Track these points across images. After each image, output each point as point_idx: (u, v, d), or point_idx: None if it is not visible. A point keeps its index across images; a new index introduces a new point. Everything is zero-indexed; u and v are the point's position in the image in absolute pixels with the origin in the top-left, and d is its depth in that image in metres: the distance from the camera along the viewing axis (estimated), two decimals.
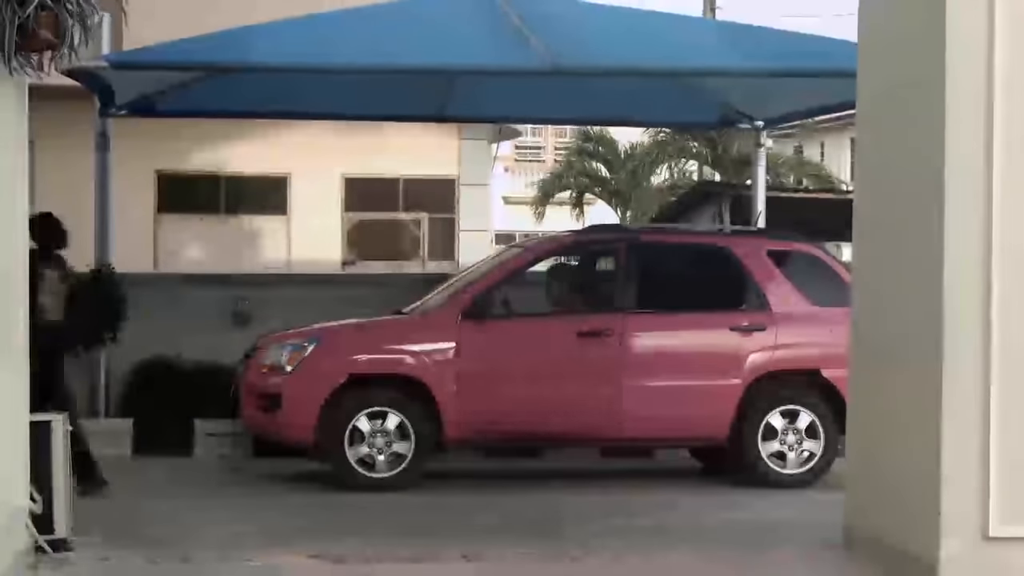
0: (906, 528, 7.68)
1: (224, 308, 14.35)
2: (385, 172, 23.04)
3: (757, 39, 13.15)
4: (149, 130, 18.22)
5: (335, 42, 12.13)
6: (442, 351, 11.42)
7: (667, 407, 11.56)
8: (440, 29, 12.19)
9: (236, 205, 22.82)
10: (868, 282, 8.36)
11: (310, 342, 11.49)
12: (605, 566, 8.06)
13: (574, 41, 12.13)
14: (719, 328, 11.76)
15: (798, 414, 11.71)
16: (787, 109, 15.39)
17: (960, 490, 7.31)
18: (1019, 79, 7.36)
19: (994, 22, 7.32)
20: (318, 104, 14.89)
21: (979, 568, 7.33)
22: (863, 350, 8.36)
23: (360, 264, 22.93)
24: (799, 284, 11.92)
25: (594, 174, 37.38)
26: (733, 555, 8.44)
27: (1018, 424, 7.33)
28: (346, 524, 9.76)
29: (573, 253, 12.97)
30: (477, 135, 23.26)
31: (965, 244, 7.34)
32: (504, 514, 10.30)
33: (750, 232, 13.20)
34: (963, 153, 7.35)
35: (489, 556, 8.26)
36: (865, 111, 8.52)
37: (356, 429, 11.31)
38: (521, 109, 16.06)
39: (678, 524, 9.88)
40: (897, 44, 8.04)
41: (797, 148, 41.67)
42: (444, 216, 23.63)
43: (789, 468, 11.69)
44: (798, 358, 11.77)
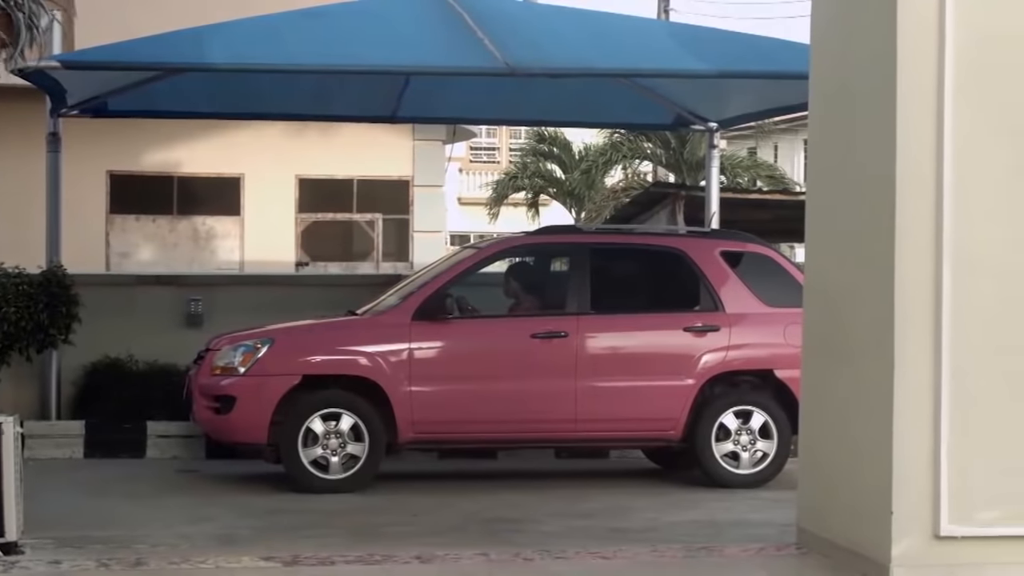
0: (858, 528, 7.71)
1: (177, 309, 14.32)
2: (339, 173, 23.02)
3: (711, 41, 13.21)
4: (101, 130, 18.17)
5: (288, 42, 12.11)
6: (396, 352, 11.41)
7: (622, 408, 11.58)
8: (394, 30, 12.19)
9: (189, 206, 22.75)
10: (820, 283, 8.39)
11: (263, 343, 11.46)
12: (560, 566, 8.06)
13: (528, 42, 12.15)
14: (673, 329, 11.80)
15: (751, 414, 11.76)
16: (741, 111, 15.46)
17: (911, 490, 7.35)
18: (969, 79, 7.40)
19: (944, 24, 7.36)
20: (271, 105, 14.88)
21: (930, 567, 7.36)
22: (815, 351, 8.39)
23: (314, 265, 22.90)
24: (752, 285, 11.96)
25: (548, 175, 37.45)
26: (687, 555, 8.45)
27: (968, 424, 7.38)
28: (299, 526, 9.73)
29: (527, 254, 12.99)
30: (431, 136, 23.27)
31: (916, 245, 7.38)
32: (459, 515, 10.29)
33: (704, 233, 13.25)
34: (913, 153, 7.39)
35: (443, 557, 8.24)
36: (817, 112, 8.55)
37: (310, 430, 11.28)
38: (475, 110, 16.08)
39: (632, 524, 9.90)
40: (848, 46, 8.07)
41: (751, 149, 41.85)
42: (398, 217, 23.62)
43: (742, 468, 11.73)
44: (751, 358, 11.82)
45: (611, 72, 13.05)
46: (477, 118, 19.75)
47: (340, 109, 15.39)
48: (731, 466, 11.72)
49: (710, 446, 11.67)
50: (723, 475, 11.68)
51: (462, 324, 11.65)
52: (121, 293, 14.44)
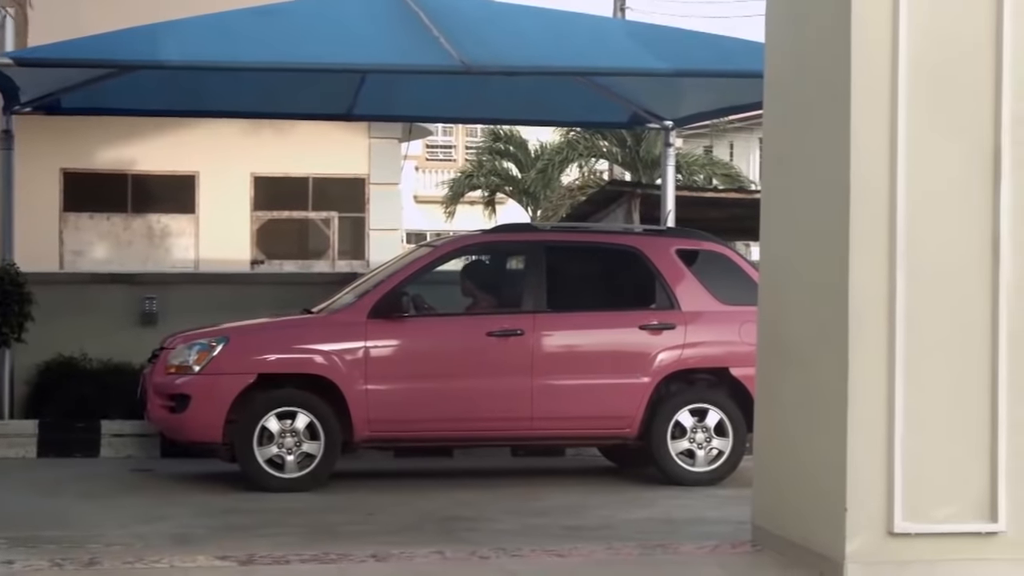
0: (812, 525, 7.74)
1: (131, 308, 14.26)
2: (294, 171, 22.98)
3: (666, 40, 13.25)
4: (55, 128, 18.10)
5: (243, 40, 12.08)
6: (351, 350, 11.39)
7: (578, 406, 11.59)
8: (349, 28, 12.17)
9: (143, 204, 22.66)
10: (775, 281, 8.42)
11: (218, 341, 11.42)
12: (515, 565, 8.06)
13: (484, 40, 12.15)
14: (629, 327, 11.81)
15: (707, 412, 11.78)
16: (696, 109, 15.50)
17: (865, 487, 7.38)
18: (922, 81, 7.44)
19: (897, 26, 7.40)
20: (226, 102, 14.83)
21: (884, 564, 7.40)
22: (770, 348, 8.42)
23: (269, 263, 22.85)
24: (708, 283, 11.99)
25: (505, 173, 37.47)
26: (642, 553, 8.47)
27: (921, 422, 7.42)
28: (255, 525, 9.70)
29: (483, 252, 12.99)
30: (387, 134, 23.25)
31: (870, 242, 7.41)
32: (415, 514, 10.28)
33: (659, 231, 13.27)
34: (867, 153, 7.42)
35: (399, 556, 8.23)
36: (771, 112, 8.57)
37: (265, 429, 11.25)
38: (431, 108, 16.07)
39: (588, 522, 9.91)
40: (802, 45, 8.10)
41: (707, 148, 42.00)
42: (354, 215, 23.59)
43: (698, 466, 11.76)
44: (707, 356, 11.85)
45: (567, 70, 13.07)
46: (433, 116, 19.72)
47: (295, 107, 15.35)
48: (687, 464, 11.75)
49: (666, 444, 11.70)
50: (679, 473, 11.71)
51: (418, 322, 11.64)
52: (75, 291, 14.36)
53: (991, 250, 7.48)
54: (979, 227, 7.49)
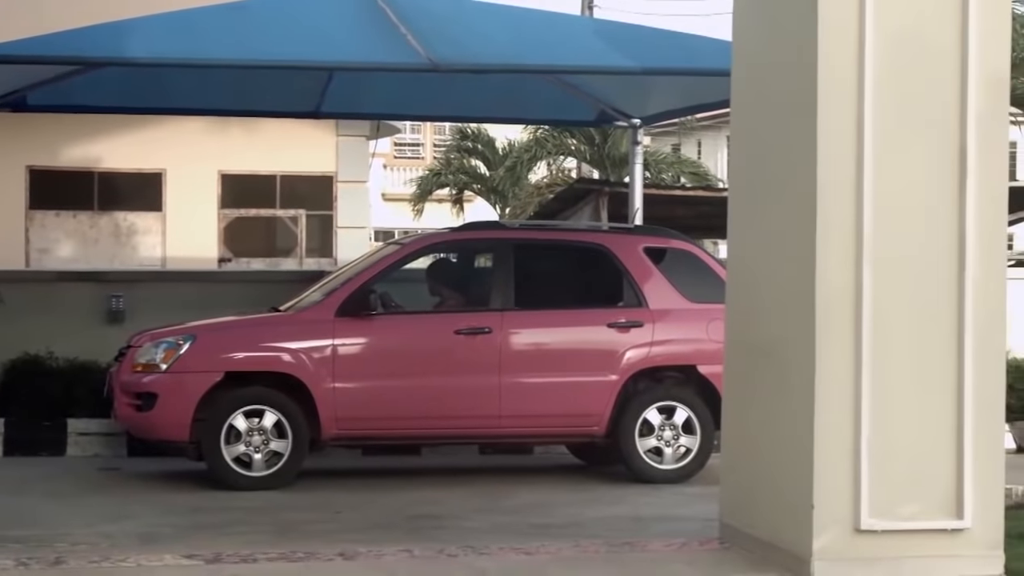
0: (779, 522, 7.76)
1: (98, 306, 14.21)
2: (261, 169, 22.93)
3: (634, 38, 13.24)
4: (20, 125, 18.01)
5: (210, 37, 12.02)
6: (319, 348, 11.37)
7: (545, 404, 11.59)
8: (316, 25, 12.13)
9: (110, 202, 22.58)
10: (742, 279, 8.44)
11: (185, 340, 11.38)
12: (483, 562, 8.06)
13: (452, 38, 12.13)
14: (597, 325, 11.82)
15: (675, 410, 11.80)
16: (664, 107, 15.52)
17: (832, 484, 7.41)
18: (889, 77, 7.46)
19: (864, 22, 7.42)
20: (193, 100, 14.77)
21: (850, 561, 7.43)
22: (738, 346, 8.44)
23: (236, 261, 22.79)
24: (676, 281, 12.01)
25: (473, 171, 37.44)
26: (610, 550, 8.48)
27: (888, 420, 7.45)
28: (222, 523, 9.68)
29: (451, 250, 13.00)
30: (355, 132, 23.22)
31: (837, 240, 7.44)
32: (382, 512, 10.27)
33: (627, 229, 13.28)
34: (834, 149, 7.45)
35: (366, 554, 8.23)
36: (739, 109, 8.59)
37: (232, 427, 11.22)
38: (399, 106, 16.04)
39: (556, 520, 9.91)
40: (769, 43, 8.12)
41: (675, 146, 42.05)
42: (322, 213, 23.55)
43: (666, 464, 11.77)
44: (675, 354, 11.86)
45: (535, 68, 13.05)
46: (401, 114, 19.68)
47: (262, 104, 15.30)
48: (655, 461, 11.76)
49: (634, 442, 11.71)
50: (647, 470, 11.72)
51: (386, 320, 11.62)
52: (41, 290, 14.30)
53: (957, 248, 7.52)
54: (946, 225, 7.53)
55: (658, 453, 11.77)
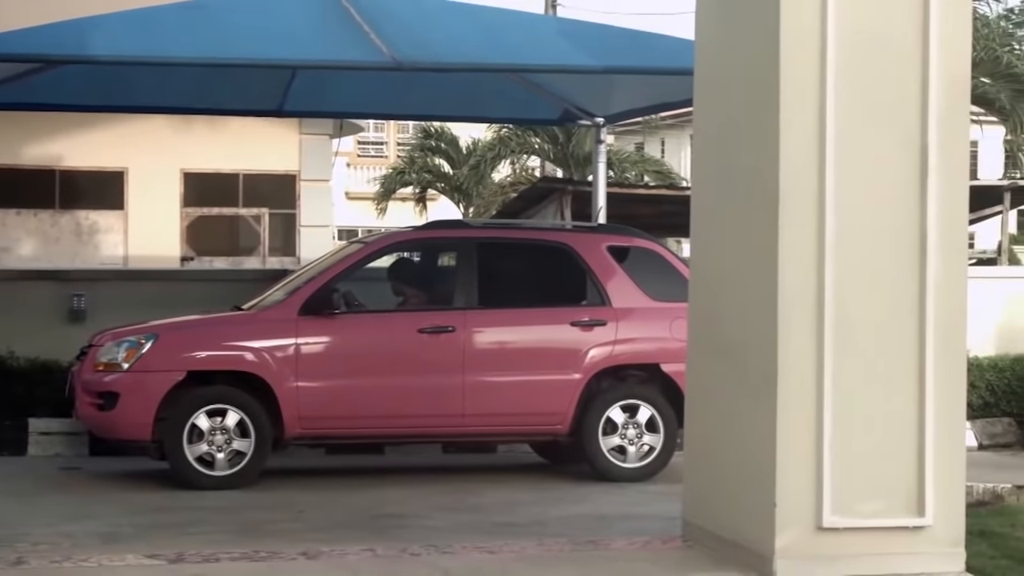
0: (742, 520, 7.78)
1: (59, 305, 14.14)
2: (224, 167, 22.88)
3: (597, 37, 13.25)
4: None
5: (172, 35, 11.98)
6: (282, 347, 11.34)
7: (509, 403, 11.59)
8: (279, 23, 12.10)
9: (72, 200, 22.49)
10: (705, 277, 8.45)
11: (147, 339, 11.34)
12: (446, 561, 8.05)
13: (415, 37, 12.11)
14: (560, 323, 11.83)
15: (638, 408, 11.81)
16: (627, 106, 15.54)
17: (794, 483, 7.43)
18: (851, 76, 7.49)
19: (826, 21, 7.44)
20: (155, 98, 14.71)
21: (812, 559, 7.46)
22: (700, 345, 8.46)
23: (199, 260, 22.74)
24: (639, 279, 12.03)
25: (436, 170, 37.44)
26: (573, 549, 8.48)
27: (849, 419, 7.47)
28: (185, 523, 9.65)
29: (414, 249, 12.99)
30: (318, 130, 23.19)
31: (799, 239, 7.46)
32: (345, 511, 10.26)
33: (591, 228, 13.29)
34: (797, 151, 7.47)
35: (329, 554, 8.21)
36: (702, 109, 8.61)
37: (195, 427, 11.18)
38: (362, 105, 16.02)
39: (519, 519, 9.91)
40: (732, 43, 8.14)
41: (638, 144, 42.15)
42: (285, 212, 23.51)
43: (629, 462, 11.78)
44: (638, 353, 11.88)
45: (498, 67, 13.05)
46: (364, 112, 19.67)
47: (225, 102, 15.26)
48: (618, 460, 11.77)
49: (597, 440, 11.72)
50: (610, 469, 11.73)
51: (349, 319, 11.60)
52: (2, 288, 14.21)
53: (919, 247, 7.55)
54: (907, 224, 7.56)
55: (621, 451, 11.79)
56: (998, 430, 15.01)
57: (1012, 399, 15.05)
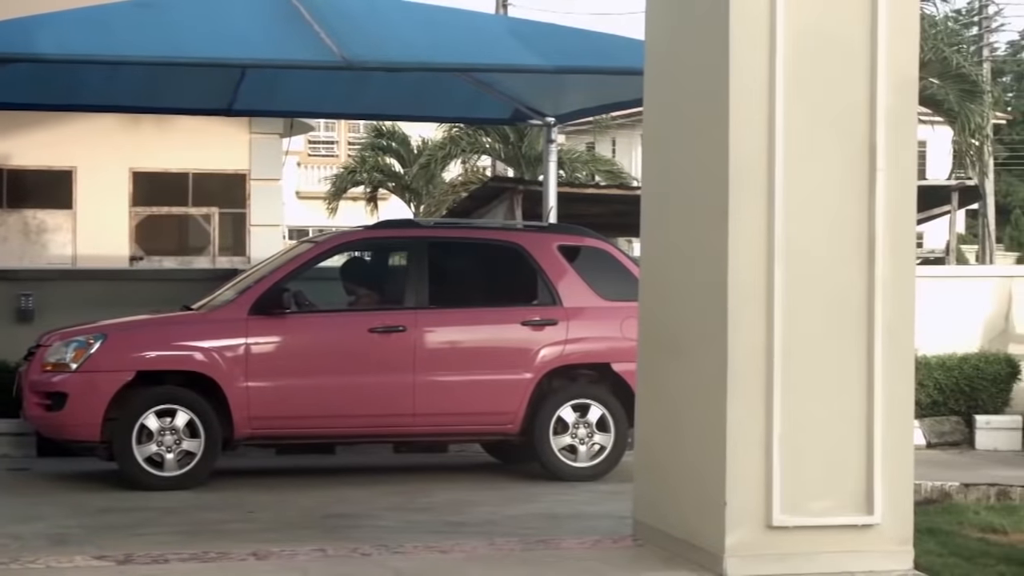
0: (692, 519, 7.81)
1: (6, 305, 14.03)
2: (174, 166, 22.78)
3: (548, 36, 13.26)
4: None
5: (121, 33, 11.92)
6: (231, 347, 11.30)
7: (460, 402, 11.59)
8: (228, 22, 12.06)
9: (19, 199, 22.34)
10: (655, 277, 8.47)
11: (96, 339, 11.28)
12: (397, 561, 8.04)
13: (365, 36, 12.10)
14: (511, 323, 11.83)
15: (589, 408, 11.83)
16: (578, 106, 15.55)
17: (744, 482, 7.46)
18: (799, 76, 7.52)
19: (775, 21, 7.47)
20: (103, 96, 14.63)
21: (762, 557, 7.48)
22: (650, 344, 8.47)
23: (148, 259, 22.63)
24: (589, 279, 12.04)
25: (387, 169, 37.36)
26: (524, 548, 8.49)
27: (799, 417, 7.50)
28: (133, 524, 9.60)
29: (365, 248, 12.97)
30: (268, 129, 23.13)
31: (748, 239, 7.49)
32: (296, 511, 10.23)
33: (541, 227, 13.30)
34: (746, 150, 7.49)
35: (279, 554, 8.19)
36: (651, 109, 8.63)
37: (144, 427, 11.13)
38: (312, 104, 15.96)
39: (471, 518, 9.91)
40: (682, 43, 8.16)
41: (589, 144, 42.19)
42: (235, 211, 23.43)
43: (580, 461, 11.80)
44: (589, 352, 11.89)
45: (448, 67, 13.05)
46: (315, 112, 19.60)
47: (174, 101, 15.19)
48: (569, 459, 11.78)
49: (548, 440, 11.72)
50: (561, 468, 11.74)
51: (299, 319, 11.57)
52: None
53: (867, 246, 7.59)
54: (856, 222, 7.60)
55: (572, 451, 11.80)
56: (946, 428, 15.11)
57: (960, 398, 15.15)
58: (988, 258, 35.10)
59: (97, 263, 20.68)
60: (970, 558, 8.79)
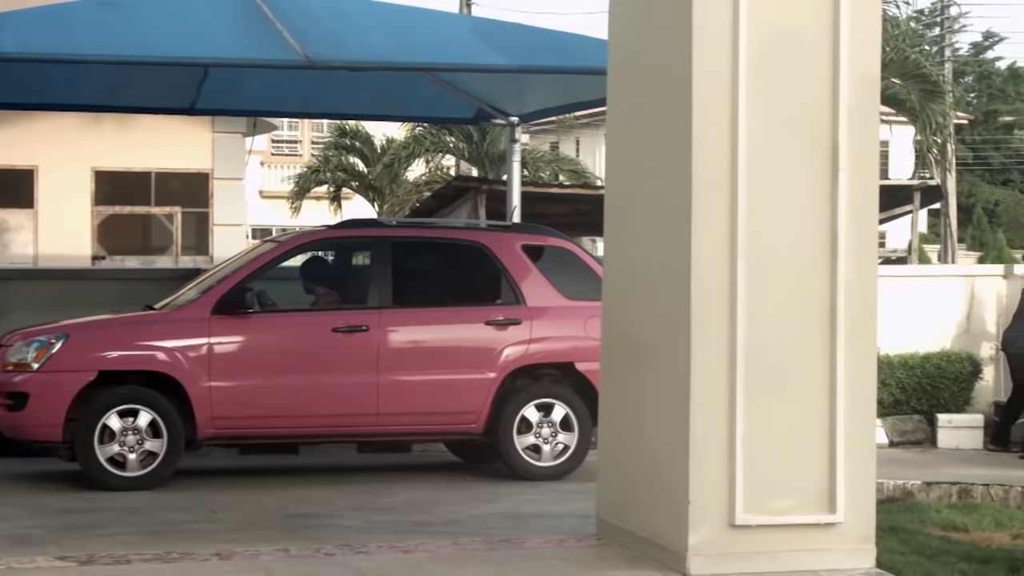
0: (656, 518, 7.82)
1: None
2: (136, 165, 22.70)
3: (511, 36, 13.26)
4: None
5: (83, 32, 11.86)
6: (194, 347, 11.27)
7: (423, 402, 11.58)
8: (191, 21, 12.02)
9: None
10: (619, 277, 8.48)
11: (58, 338, 11.23)
12: (360, 561, 8.03)
13: (328, 35, 12.07)
14: (474, 322, 11.83)
15: (553, 407, 11.83)
16: (542, 105, 15.55)
17: (707, 481, 7.47)
18: (763, 76, 7.54)
19: (738, 22, 7.49)
20: (66, 95, 14.57)
21: (725, 555, 7.50)
22: (614, 344, 8.48)
23: (111, 259, 22.55)
24: (553, 278, 12.05)
25: (351, 168, 37.29)
26: (488, 548, 8.49)
27: (762, 416, 7.52)
28: (96, 524, 9.56)
29: (328, 248, 12.94)
30: (231, 128, 23.06)
31: (711, 240, 7.50)
32: (259, 511, 10.21)
33: (505, 227, 13.30)
34: (709, 150, 7.51)
35: (243, 554, 8.17)
36: (614, 109, 8.64)
37: (106, 427, 11.09)
38: (275, 103, 15.93)
39: (434, 518, 9.91)
40: (644, 43, 8.17)
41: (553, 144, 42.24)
42: (197, 210, 23.36)
43: (544, 461, 11.80)
44: (552, 351, 11.90)
45: (411, 66, 13.03)
46: (277, 111, 19.53)
47: (136, 100, 15.13)
48: (533, 459, 11.79)
49: (512, 439, 11.73)
50: (525, 468, 11.75)
51: (262, 318, 11.54)
52: None
53: (830, 245, 7.61)
54: (819, 221, 7.62)
55: (536, 450, 11.80)
56: (908, 427, 15.19)
57: (922, 396, 15.24)
58: (950, 257, 35.27)
59: (59, 263, 20.58)
60: (932, 556, 8.84)
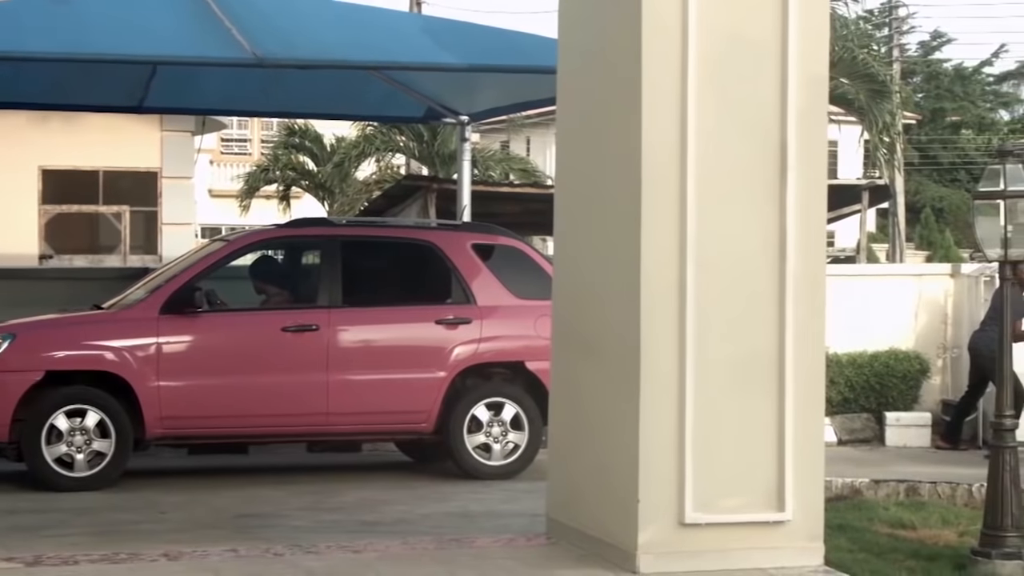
0: (606, 517, 7.83)
1: None
2: (84, 164, 22.56)
3: (461, 35, 13.25)
4: None
5: (30, 29, 11.77)
6: (142, 346, 11.21)
7: (373, 401, 11.56)
8: (139, 18, 11.94)
9: None
10: (568, 276, 8.49)
11: (4, 338, 11.15)
12: (310, 561, 8.01)
13: (277, 33, 12.02)
14: (424, 322, 11.82)
15: (503, 406, 11.84)
16: (492, 104, 15.55)
17: (657, 479, 7.49)
18: (712, 75, 7.56)
19: (687, 25, 7.50)
20: (12, 93, 14.46)
21: (675, 554, 7.52)
22: (564, 343, 8.49)
23: (58, 258, 22.40)
24: (503, 277, 12.05)
25: (300, 167, 37.18)
26: (438, 547, 8.48)
27: (711, 415, 7.54)
28: (43, 525, 9.50)
29: (278, 247, 12.91)
30: (180, 127, 22.94)
31: (660, 239, 7.51)
32: (208, 512, 10.17)
33: (455, 226, 13.30)
34: (658, 149, 7.52)
35: (191, 554, 8.13)
36: (564, 108, 8.64)
37: (54, 427, 11.02)
38: (224, 101, 15.88)
39: (384, 518, 9.89)
40: (594, 43, 8.17)
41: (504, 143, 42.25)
42: (146, 209, 23.24)
43: (494, 460, 11.81)
44: (502, 350, 11.90)
45: (361, 65, 13.01)
46: (227, 109, 19.46)
47: (84, 98, 15.04)
48: (483, 458, 11.79)
49: (462, 438, 11.72)
50: (475, 467, 11.74)
51: (211, 318, 11.49)
52: None
53: (778, 243, 7.64)
54: (767, 220, 7.65)
55: (486, 449, 11.80)
56: (857, 426, 15.26)
57: (870, 395, 15.32)
58: (898, 257, 35.46)
59: (6, 262, 20.39)
60: (880, 554, 8.90)
